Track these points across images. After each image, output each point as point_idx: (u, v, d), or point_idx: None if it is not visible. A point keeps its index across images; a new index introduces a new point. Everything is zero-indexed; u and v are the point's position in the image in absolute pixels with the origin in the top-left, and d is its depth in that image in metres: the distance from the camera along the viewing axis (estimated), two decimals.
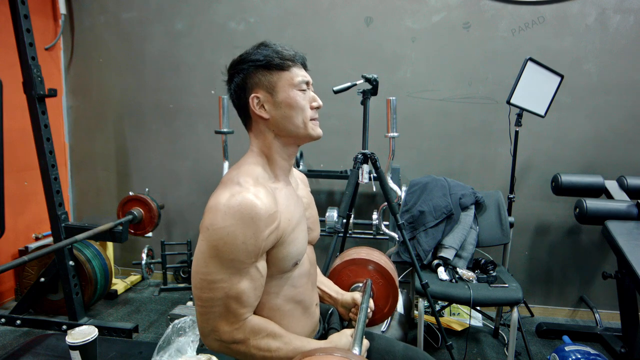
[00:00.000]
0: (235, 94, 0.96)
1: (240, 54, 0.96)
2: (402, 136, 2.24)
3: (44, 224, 2.75)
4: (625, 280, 1.98)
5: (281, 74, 0.93)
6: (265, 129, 0.95)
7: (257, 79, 0.93)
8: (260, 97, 0.92)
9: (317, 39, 2.62)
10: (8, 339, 2.23)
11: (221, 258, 0.82)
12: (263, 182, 0.90)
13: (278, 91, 0.92)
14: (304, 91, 0.94)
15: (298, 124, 0.93)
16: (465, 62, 2.51)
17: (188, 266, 2.83)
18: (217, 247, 0.81)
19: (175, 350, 1.11)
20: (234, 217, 0.81)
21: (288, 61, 0.93)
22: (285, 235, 0.90)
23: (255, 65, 0.92)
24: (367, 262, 1.27)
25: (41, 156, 2.14)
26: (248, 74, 0.93)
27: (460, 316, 2.49)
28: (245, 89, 0.94)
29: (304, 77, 0.95)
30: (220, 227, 0.81)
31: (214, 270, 0.83)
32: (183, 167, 2.89)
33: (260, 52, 0.93)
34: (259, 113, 0.93)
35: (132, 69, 2.87)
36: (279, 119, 0.93)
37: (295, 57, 0.95)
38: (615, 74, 2.38)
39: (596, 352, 1.80)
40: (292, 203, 0.95)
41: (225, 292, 0.83)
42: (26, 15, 2.02)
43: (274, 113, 0.93)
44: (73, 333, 1.14)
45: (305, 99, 0.95)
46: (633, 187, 2.15)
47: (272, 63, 0.92)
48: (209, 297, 0.84)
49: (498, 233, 2.19)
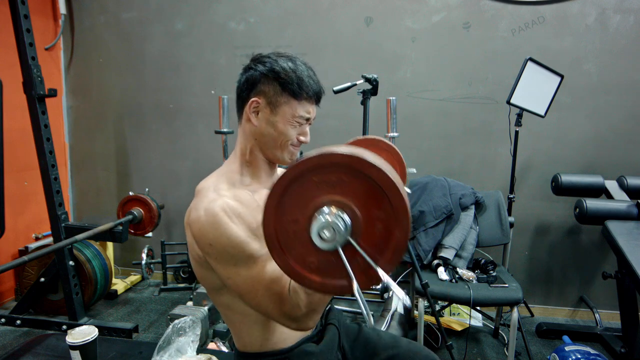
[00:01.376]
0: (243, 85, 0.96)
1: (269, 54, 0.94)
2: (402, 136, 2.24)
3: (44, 224, 2.75)
4: (625, 280, 1.98)
5: (290, 100, 0.92)
6: (250, 132, 0.96)
7: (266, 88, 0.92)
8: (260, 104, 0.93)
9: (317, 39, 2.62)
10: (8, 339, 2.23)
11: (242, 260, 0.83)
12: (240, 187, 0.93)
13: (277, 112, 0.92)
14: (301, 124, 0.95)
15: (276, 147, 0.95)
16: (465, 62, 2.51)
17: (188, 266, 2.83)
18: (230, 254, 0.83)
19: (175, 350, 1.11)
20: (221, 222, 0.82)
21: (304, 92, 0.92)
22: None
23: (273, 76, 0.91)
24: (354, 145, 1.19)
25: (41, 156, 2.14)
26: (263, 76, 0.92)
27: (460, 316, 2.49)
28: (252, 87, 0.94)
29: (307, 113, 0.95)
30: (217, 237, 0.82)
31: (246, 274, 0.83)
32: (183, 167, 2.89)
33: (286, 66, 0.92)
34: (250, 115, 0.94)
35: (132, 69, 2.87)
36: (264, 133, 0.94)
37: (313, 91, 0.94)
38: (615, 74, 2.38)
39: (596, 352, 1.80)
40: None
41: (263, 283, 0.83)
42: (26, 15, 2.02)
43: (263, 126, 0.93)
44: (73, 333, 1.14)
45: (296, 130, 0.95)
46: (633, 187, 2.15)
47: (288, 86, 0.91)
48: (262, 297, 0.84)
49: (498, 233, 2.19)
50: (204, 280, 0.95)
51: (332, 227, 0.58)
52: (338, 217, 0.59)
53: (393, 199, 0.58)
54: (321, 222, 0.59)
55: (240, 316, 0.96)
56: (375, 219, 0.61)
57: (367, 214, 0.61)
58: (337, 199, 0.60)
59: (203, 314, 2.03)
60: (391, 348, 1.12)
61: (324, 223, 0.59)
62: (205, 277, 0.93)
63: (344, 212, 0.60)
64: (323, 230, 0.59)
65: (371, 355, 1.12)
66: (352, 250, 0.60)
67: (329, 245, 0.59)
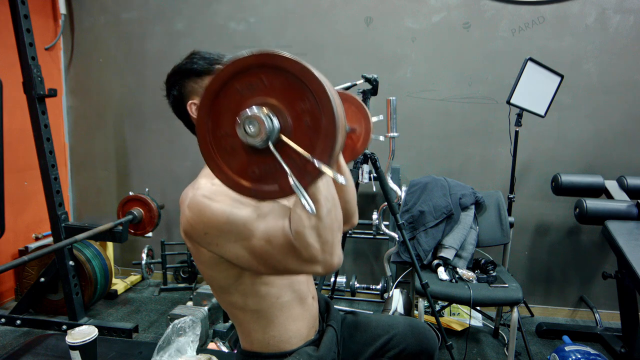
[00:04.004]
0: (175, 106, 0.99)
1: (172, 68, 0.99)
2: (402, 136, 2.24)
3: (44, 224, 2.75)
4: (625, 280, 1.98)
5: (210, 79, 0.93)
6: None
7: (190, 87, 0.95)
8: (197, 103, 0.94)
9: (317, 39, 2.62)
10: (8, 339, 2.23)
11: (238, 233, 0.81)
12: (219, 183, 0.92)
13: None
14: None
15: None
16: (465, 62, 2.51)
17: (188, 266, 2.83)
18: (224, 231, 0.82)
19: (175, 350, 1.11)
20: (205, 207, 0.82)
21: (216, 64, 0.95)
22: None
23: (187, 75, 0.95)
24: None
25: (41, 156, 2.14)
26: (181, 83, 0.96)
27: (460, 316, 2.49)
28: (182, 99, 0.97)
29: None
30: (207, 222, 0.82)
31: (247, 246, 0.81)
32: (183, 167, 2.89)
33: (189, 62, 0.96)
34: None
35: (132, 69, 2.87)
36: None
37: (223, 59, 0.96)
38: (615, 74, 2.38)
39: (596, 352, 1.80)
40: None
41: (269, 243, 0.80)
42: (26, 15, 2.03)
43: None
44: (73, 333, 1.14)
45: None
46: (633, 187, 2.15)
47: (200, 69, 0.94)
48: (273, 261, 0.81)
49: (498, 233, 2.19)
50: (213, 281, 0.94)
51: (256, 120, 0.58)
52: (262, 114, 0.59)
53: (311, 84, 0.58)
54: (245, 116, 0.59)
55: (250, 316, 0.96)
56: (300, 113, 0.60)
57: (292, 108, 0.60)
58: (261, 100, 0.60)
59: (203, 314, 2.03)
60: (388, 330, 1.15)
61: (248, 117, 0.59)
62: (214, 277, 0.93)
63: (270, 111, 0.60)
64: (248, 125, 0.59)
65: (371, 341, 1.14)
66: (287, 148, 0.60)
67: (258, 141, 0.59)
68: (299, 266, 0.81)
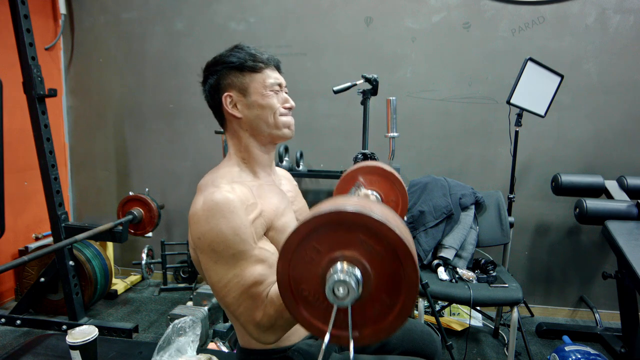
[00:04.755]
0: (210, 95, 0.99)
1: (215, 56, 1.00)
2: (402, 136, 2.24)
3: (44, 224, 2.75)
4: (625, 280, 1.98)
5: (254, 76, 0.95)
6: (239, 128, 0.97)
7: (230, 80, 0.96)
8: (233, 96, 0.95)
9: (317, 39, 2.62)
10: (8, 339, 2.23)
11: (223, 258, 0.82)
12: (239, 181, 0.92)
13: (251, 92, 0.95)
14: (277, 92, 0.97)
15: (270, 123, 0.96)
16: (465, 62, 2.51)
17: (188, 266, 2.83)
18: (214, 250, 0.82)
19: (175, 350, 1.11)
20: (214, 216, 0.82)
21: (260, 63, 0.96)
22: (275, 221, 0.90)
23: (228, 67, 0.96)
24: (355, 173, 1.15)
25: (41, 156, 2.14)
26: (222, 75, 0.96)
27: (460, 316, 2.49)
28: (218, 90, 0.97)
29: (276, 79, 0.97)
30: (207, 231, 0.82)
31: (223, 273, 0.83)
32: (183, 167, 2.89)
33: (234, 55, 0.96)
34: (232, 112, 0.95)
35: (132, 69, 2.87)
36: (251, 119, 0.96)
37: (269, 59, 0.98)
38: (615, 74, 2.38)
39: (596, 352, 1.80)
40: (275, 195, 0.96)
41: (242, 284, 0.83)
42: (26, 15, 2.03)
43: (246, 112, 0.95)
44: (73, 333, 1.14)
45: (277, 99, 0.97)
46: (633, 187, 2.15)
47: (245, 65, 0.95)
48: (233, 298, 0.84)
49: (498, 233, 2.19)
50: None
51: (345, 284, 0.58)
52: (350, 278, 0.58)
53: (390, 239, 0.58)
54: (333, 281, 0.58)
55: None
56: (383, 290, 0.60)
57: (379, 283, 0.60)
58: (341, 254, 0.60)
59: (203, 314, 2.03)
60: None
61: (337, 282, 0.58)
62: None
63: (353, 268, 0.59)
64: (337, 288, 0.58)
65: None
66: (345, 311, 0.60)
67: (344, 303, 0.59)
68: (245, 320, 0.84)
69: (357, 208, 0.58)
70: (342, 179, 1.17)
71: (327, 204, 0.60)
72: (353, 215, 0.57)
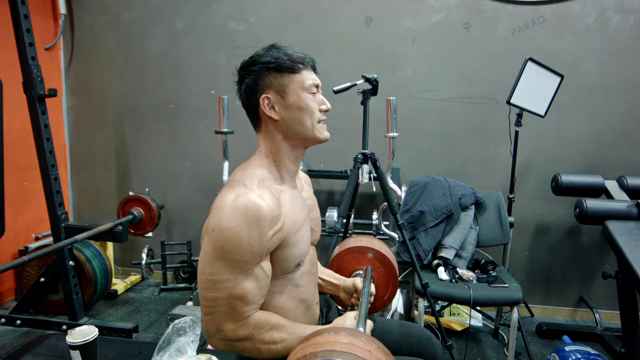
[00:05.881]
0: (246, 95, 0.97)
1: (251, 56, 0.96)
2: (402, 136, 2.24)
3: (44, 224, 2.75)
4: (625, 280, 1.98)
5: (292, 77, 0.93)
6: (274, 129, 0.96)
7: (268, 81, 0.93)
8: (271, 98, 0.93)
9: (317, 39, 2.62)
10: (8, 339, 2.23)
11: (227, 259, 0.83)
12: (268, 184, 0.91)
13: (289, 93, 0.93)
14: (314, 94, 0.96)
15: (307, 126, 0.95)
16: (465, 62, 2.51)
17: (188, 266, 2.83)
18: (222, 247, 0.82)
19: (175, 350, 1.11)
20: (239, 218, 0.81)
21: (299, 64, 0.94)
22: (289, 237, 0.91)
23: (266, 68, 0.93)
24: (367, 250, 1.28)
25: (41, 156, 2.14)
26: (259, 75, 0.94)
27: (460, 316, 2.49)
28: (255, 90, 0.95)
29: (313, 80, 0.96)
30: (226, 228, 0.82)
31: (219, 271, 0.83)
32: (183, 167, 2.89)
33: (271, 54, 0.94)
34: (269, 114, 0.94)
35: (132, 69, 2.87)
36: (288, 121, 0.94)
37: (306, 59, 0.96)
38: (615, 74, 2.38)
39: (596, 352, 1.80)
40: (297, 205, 0.96)
41: (230, 292, 0.84)
42: (26, 15, 2.02)
43: (284, 114, 0.94)
44: (73, 333, 1.14)
45: (315, 101, 0.96)
46: (633, 187, 2.15)
47: (283, 66, 0.93)
48: (215, 296, 0.85)
49: (498, 233, 2.19)
50: None
51: None
52: None
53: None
54: None
55: None
56: None
57: None
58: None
59: None
60: (381, 337, 1.13)
61: None
62: None
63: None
64: None
65: None
66: None
67: None
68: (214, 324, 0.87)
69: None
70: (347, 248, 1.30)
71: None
72: None
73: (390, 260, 1.28)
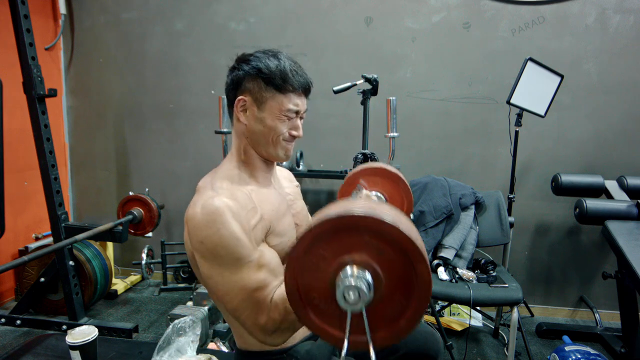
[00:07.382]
0: (229, 87, 0.97)
1: (252, 53, 0.95)
2: (402, 136, 2.24)
3: (44, 224, 2.75)
4: (625, 280, 1.98)
5: (275, 95, 0.91)
6: (241, 132, 0.96)
7: (251, 85, 0.92)
8: (247, 102, 0.93)
9: (317, 39, 2.62)
10: (8, 339, 2.23)
11: (226, 263, 0.82)
12: (238, 184, 0.92)
13: (264, 108, 0.92)
14: (290, 119, 0.93)
15: (268, 144, 0.94)
16: (465, 62, 2.51)
17: (188, 266, 2.83)
18: (216, 255, 0.82)
19: (175, 350, 1.10)
20: (215, 221, 0.81)
21: (289, 86, 0.91)
22: (274, 225, 0.91)
23: (256, 73, 0.91)
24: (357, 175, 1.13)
25: (41, 156, 2.14)
26: (246, 76, 0.93)
27: (460, 316, 2.49)
28: (237, 88, 0.94)
29: (296, 106, 0.93)
30: (208, 236, 0.81)
31: (226, 279, 0.83)
32: (183, 167, 2.89)
33: (267, 63, 0.91)
34: (238, 115, 0.94)
35: (132, 69, 2.87)
36: (253, 130, 0.94)
37: (299, 85, 0.92)
38: (615, 74, 2.38)
39: (596, 352, 1.80)
40: (273, 198, 0.96)
41: (246, 290, 0.83)
42: (26, 15, 2.02)
43: (252, 123, 0.93)
44: (73, 333, 1.14)
45: (286, 125, 0.93)
46: (633, 187, 2.15)
47: (272, 80, 0.90)
48: (237, 304, 0.83)
49: (498, 233, 2.19)
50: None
51: (356, 289, 0.56)
52: (361, 283, 0.57)
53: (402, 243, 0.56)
54: (344, 285, 0.57)
55: None
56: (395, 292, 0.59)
57: (390, 284, 0.59)
58: (350, 258, 0.59)
59: (203, 314, 2.03)
60: None
61: (348, 287, 0.56)
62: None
63: (363, 271, 0.58)
64: (347, 293, 0.57)
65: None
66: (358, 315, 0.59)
67: (356, 309, 0.57)
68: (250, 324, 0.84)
69: (365, 211, 0.56)
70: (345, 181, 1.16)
71: (333, 209, 0.59)
72: (362, 218, 0.56)
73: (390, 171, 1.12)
